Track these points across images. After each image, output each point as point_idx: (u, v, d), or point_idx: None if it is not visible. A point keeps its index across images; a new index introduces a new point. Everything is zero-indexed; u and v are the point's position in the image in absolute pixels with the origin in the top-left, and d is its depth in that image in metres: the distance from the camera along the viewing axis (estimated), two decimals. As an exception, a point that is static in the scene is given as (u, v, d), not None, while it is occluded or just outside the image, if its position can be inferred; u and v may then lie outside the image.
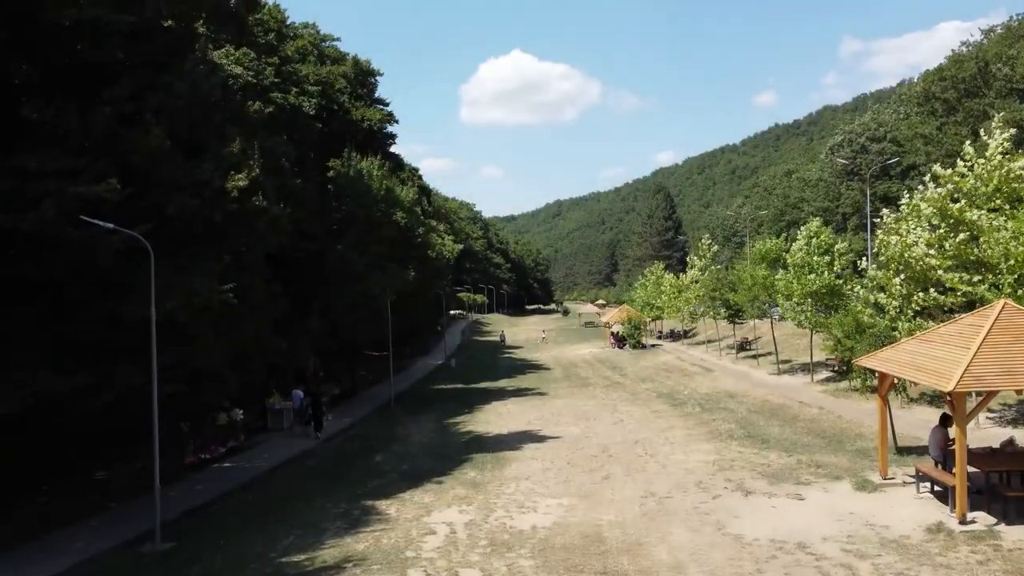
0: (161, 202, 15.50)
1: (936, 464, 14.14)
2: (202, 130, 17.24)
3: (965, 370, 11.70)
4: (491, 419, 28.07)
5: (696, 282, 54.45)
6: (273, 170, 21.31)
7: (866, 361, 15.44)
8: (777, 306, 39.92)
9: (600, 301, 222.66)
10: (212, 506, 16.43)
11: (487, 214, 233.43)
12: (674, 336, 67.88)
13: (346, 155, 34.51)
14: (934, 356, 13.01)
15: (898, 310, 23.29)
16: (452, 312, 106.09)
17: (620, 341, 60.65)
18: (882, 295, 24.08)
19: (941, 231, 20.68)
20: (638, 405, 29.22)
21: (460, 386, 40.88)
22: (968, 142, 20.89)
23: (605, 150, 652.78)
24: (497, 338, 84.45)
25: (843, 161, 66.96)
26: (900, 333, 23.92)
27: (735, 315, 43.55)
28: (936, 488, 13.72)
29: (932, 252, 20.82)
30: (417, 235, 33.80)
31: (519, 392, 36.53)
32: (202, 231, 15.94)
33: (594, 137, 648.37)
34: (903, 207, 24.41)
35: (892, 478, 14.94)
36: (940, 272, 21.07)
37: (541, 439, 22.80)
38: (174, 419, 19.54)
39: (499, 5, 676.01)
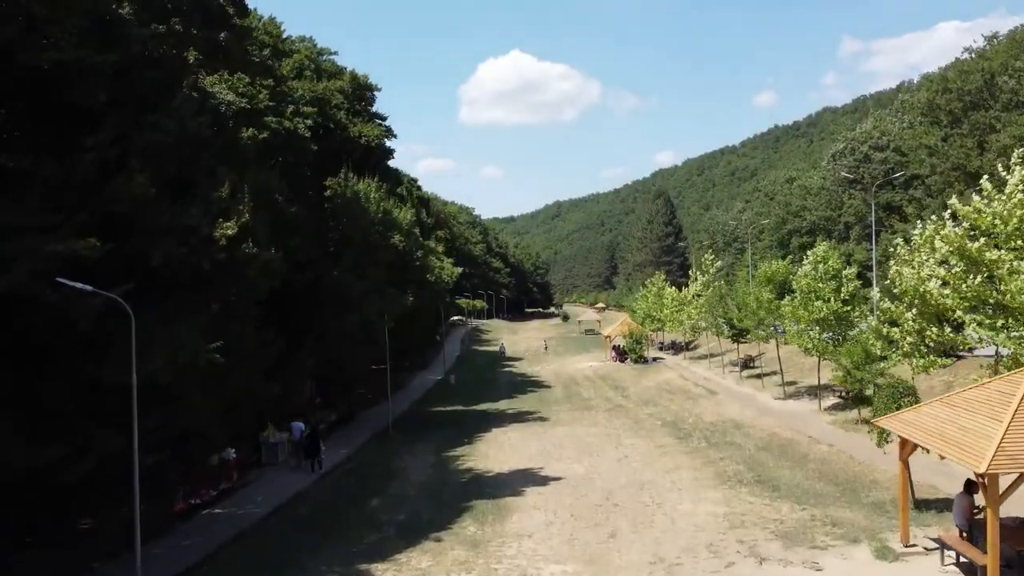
0: (146, 249, 14.78)
1: (961, 533, 13.43)
2: (191, 168, 16.50)
3: (998, 448, 10.97)
4: (491, 452, 27.34)
5: (699, 296, 53.91)
6: (266, 204, 20.59)
7: (887, 423, 14.69)
8: (783, 328, 39.26)
9: (599, 304, 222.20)
10: (200, 569, 15.69)
11: (486, 215, 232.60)
12: (675, 348, 67.18)
13: (343, 175, 33.79)
14: (962, 426, 12.27)
15: (912, 346, 22.58)
16: (451, 319, 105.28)
17: (621, 355, 59.94)
18: (895, 329, 23.35)
19: (958, 270, 19.94)
20: (642, 436, 28.50)
21: (459, 408, 40.18)
22: (986, 177, 20.10)
23: (605, 150, 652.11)
24: (496, 348, 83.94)
25: (848, 176, 66.20)
26: (914, 370, 23.28)
27: (739, 335, 42.78)
28: (962, 559, 13.00)
29: (947, 292, 20.10)
30: (416, 258, 33.07)
31: (520, 416, 35.81)
32: (189, 279, 15.19)
33: (594, 137, 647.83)
34: (916, 236, 23.71)
35: (913, 544, 14.21)
36: (958, 313, 20.40)
37: (543, 480, 22.06)
38: (162, 466, 18.82)
39: (498, 5, 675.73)
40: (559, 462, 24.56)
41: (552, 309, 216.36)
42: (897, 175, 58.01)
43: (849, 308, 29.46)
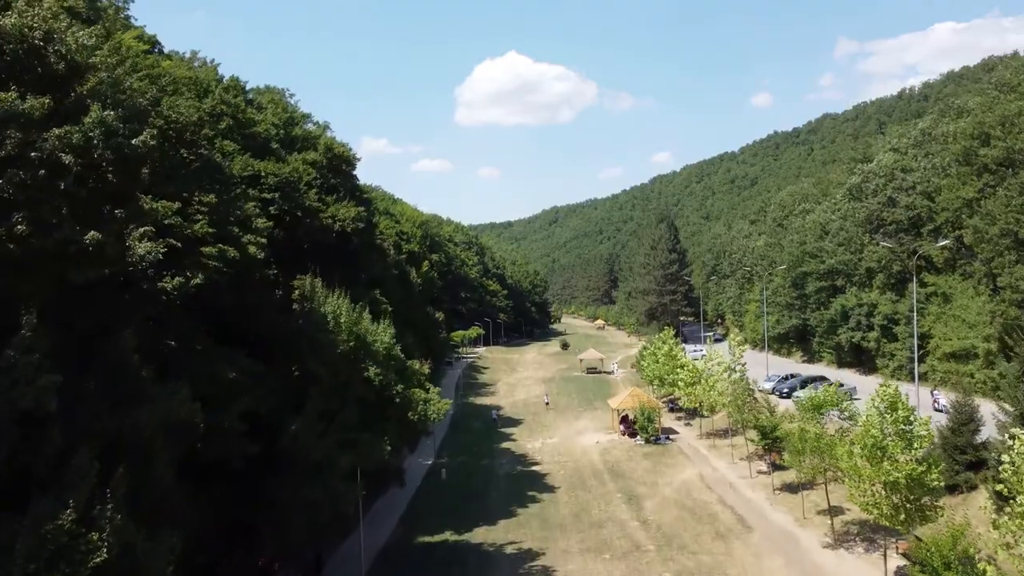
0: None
1: None
2: (32, 454, 10.97)
3: None
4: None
5: (711, 375, 48.88)
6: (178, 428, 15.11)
7: None
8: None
9: (599, 321, 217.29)
10: None
11: (484, 220, 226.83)
12: (688, 412, 61.71)
13: (309, 286, 28.26)
14: None
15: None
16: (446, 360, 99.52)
17: (631, 429, 54.43)
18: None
19: None
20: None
21: (451, 537, 34.58)
22: None
23: (603, 151, 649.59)
24: (493, 392, 78.88)
25: (888, 245, 61.05)
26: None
27: (772, 444, 37.31)
28: None
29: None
30: (396, 392, 27.56)
31: (521, 564, 30.34)
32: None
33: (591, 138, 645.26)
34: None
35: None
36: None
37: None
38: None
39: (495, 6, 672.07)
40: None
41: (552, 325, 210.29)
42: (941, 244, 52.50)
43: (924, 468, 24.03)
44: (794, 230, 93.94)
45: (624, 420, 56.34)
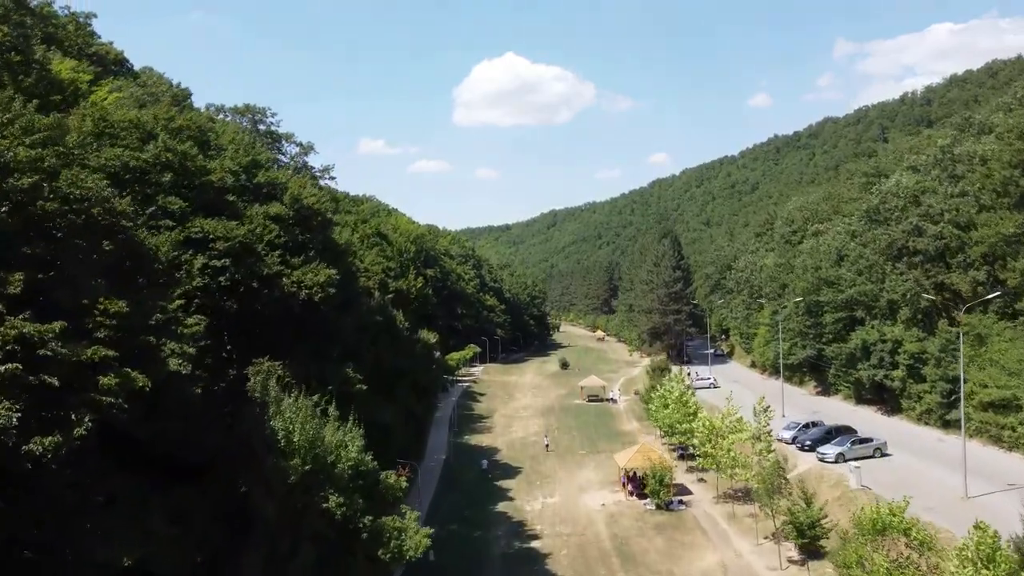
0: None
1: None
2: None
3: None
4: None
5: (730, 431, 44.30)
6: None
7: None
8: None
9: (599, 332, 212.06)
10: None
11: (481, 223, 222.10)
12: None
13: (261, 386, 23.18)
14: None
15: None
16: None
17: (640, 490, 49.35)
18: None
19: None
20: None
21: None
22: None
23: (601, 152, 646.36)
24: (489, 427, 73.93)
25: (930, 298, 56.08)
26: None
27: (811, 543, 32.29)
28: None
29: None
30: (363, 525, 22.42)
31: None
32: None
33: (589, 139, 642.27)
34: None
35: None
36: None
37: None
38: None
39: (492, 7, 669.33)
40: None
41: (551, 336, 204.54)
42: (991, 296, 47.54)
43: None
44: (806, 252, 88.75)
45: (632, 478, 51.27)
